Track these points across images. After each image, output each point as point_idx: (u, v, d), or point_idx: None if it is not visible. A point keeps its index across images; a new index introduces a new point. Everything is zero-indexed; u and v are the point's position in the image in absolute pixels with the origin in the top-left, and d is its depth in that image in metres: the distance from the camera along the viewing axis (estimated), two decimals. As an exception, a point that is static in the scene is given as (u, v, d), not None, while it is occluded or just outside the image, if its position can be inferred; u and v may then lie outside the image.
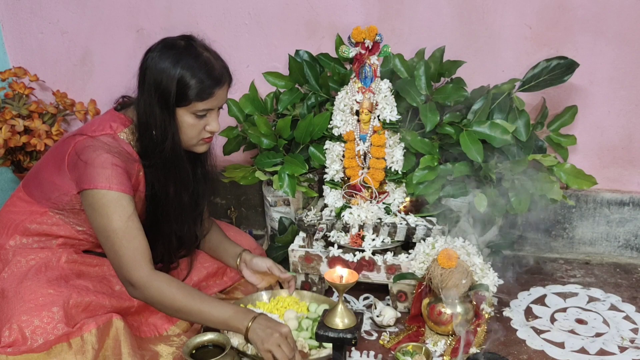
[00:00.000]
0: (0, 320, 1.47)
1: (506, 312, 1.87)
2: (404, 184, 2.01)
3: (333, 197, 2.01)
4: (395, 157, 1.96)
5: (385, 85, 1.92)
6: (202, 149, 1.68)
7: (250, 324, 1.50)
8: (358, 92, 1.91)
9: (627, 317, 1.85)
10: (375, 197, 1.97)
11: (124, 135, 1.62)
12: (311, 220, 1.97)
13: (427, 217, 1.97)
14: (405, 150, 1.98)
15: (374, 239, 1.90)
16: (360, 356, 1.67)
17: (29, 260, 1.60)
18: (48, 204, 1.63)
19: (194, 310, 1.54)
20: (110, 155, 1.54)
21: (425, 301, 1.74)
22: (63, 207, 1.62)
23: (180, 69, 1.53)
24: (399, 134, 1.98)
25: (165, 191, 1.65)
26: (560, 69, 2.00)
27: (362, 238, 1.91)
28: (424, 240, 1.85)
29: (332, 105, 2.02)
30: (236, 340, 1.65)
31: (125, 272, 1.53)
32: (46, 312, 1.45)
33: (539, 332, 1.78)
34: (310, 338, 1.68)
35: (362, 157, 1.97)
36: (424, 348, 1.62)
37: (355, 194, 1.98)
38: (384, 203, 1.99)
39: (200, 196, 1.76)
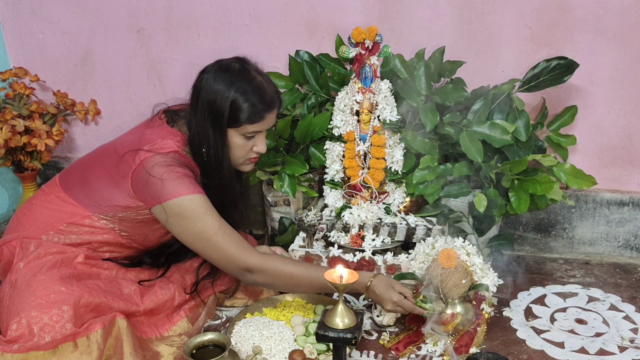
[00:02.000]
0: (9, 311, 1.48)
1: (506, 312, 1.87)
2: (404, 184, 2.01)
3: (333, 197, 2.01)
4: (395, 157, 1.96)
5: (385, 85, 1.92)
6: (248, 168, 1.77)
7: (369, 282, 1.63)
8: (358, 92, 1.92)
9: (627, 317, 1.86)
10: (375, 197, 1.97)
11: (186, 152, 1.68)
12: (311, 220, 1.97)
13: (427, 217, 1.98)
14: (405, 150, 1.98)
15: (374, 239, 1.90)
16: (360, 356, 1.68)
17: (47, 254, 1.62)
18: (95, 210, 1.67)
19: (312, 279, 1.63)
20: (182, 168, 1.60)
21: (425, 301, 1.74)
22: (113, 215, 1.66)
23: (234, 92, 1.61)
24: (399, 134, 1.98)
25: (219, 209, 1.67)
26: (560, 69, 2.00)
27: (362, 238, 1.91)
28: (424, 240, 1.85)
29: (332, 105, 2.02)
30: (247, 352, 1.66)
31: (240, 262, 1.61)
32: (56, 310, 1.46)
33: (538, 332, 1.78)
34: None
35: (362, 157, 1.97)
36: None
37: (356, 194, 1.98)
38: (384, 203, 1.99)
39: (242, 212, 1.84)
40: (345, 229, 1.95)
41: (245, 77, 1.63)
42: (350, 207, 1.96)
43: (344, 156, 2.00)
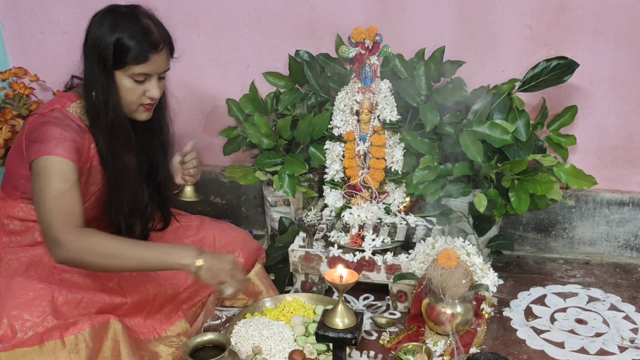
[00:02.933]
0: None
1: (506, 312, 1.87)
2: (404, 184, 2.01)
3: (333, 197, 2.01)
4: (395, 157, 1.96)
5: (385, 85, 1.92)
6: (143, 117, 1.69)
7: (201, 262, 1.51)
8: (358, 92, 1.91)
9: (627, 317, 1.85)
10: (375, 197, 1.97)
11: (73, 109, 1.64)
12: (311, 220, 1.97)
13: (427, 217, 1.98)
14: (405, 150, 1.98)
15: (374, 239, 1.90)
16: (360, 356, 1.68)
17: (20, 257, 1.62)
18: (18, 194, 1.65)
19: (129, 253, 1.52)
20: (59, 128, 1.56)
21: (425, 301, 1.74)
22: (30, 194, 1.61)
23: (118, 32, 1.58)
24: (399, 134, 1.98)
25: (112, 157, 1.65)
26: (560, 69, 2.00)
27: (362, 238, 1.91)
28: (424, 240, 1.85)
29: (332, 105, 2.02)
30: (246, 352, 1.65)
31: (54, 231, 1.49)
32: (36, 306, 1.46)
33: (539, 332, 1.78)
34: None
35: (362, 157, 1.97)
36: (424, 347, 1.62)
37: (355, 194, 1.98)
38: (384, 203, 1.99)
39: (159, 164, 1.77)
40: (345, 229, 1.95)
41: (131, 18, 1.61)
42: (350, 207, 1.96)
43: (344, 156, 2.00)
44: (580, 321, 1.84)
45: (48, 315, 1.46)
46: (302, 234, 2.01)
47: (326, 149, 2.03)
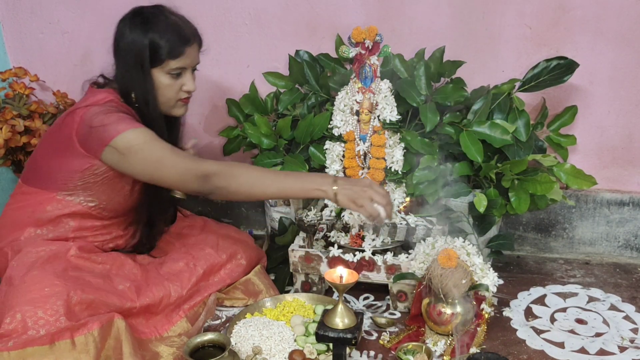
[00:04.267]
0: (4, 306, 1.48)
1: (506, 312, 1.87)
2: (404, 184, 2.01)
3: (333, 197, 2.01)
4: (395, 157, 1.96)
5: (385, 85, 1.92)
6: (180, 112, 1.79)
7: (335, 188, 1.60)
8: (358, 92, 1.91)
9: (627, 317, 1.85)
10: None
11: (122, 102, 1.71)
12: (311, 220, 1.97)
13: (427, 217, 1.98)
14: (405, 150, 1.98)
15: (374, 239, 1.90)
16: (360, 356, 1.68)
17: (39, 251, 1.64)
18: (55, 187, 1.68)
19: (271, 181, 1.62)
20: (121, 113, 1.64)
21: (425, 301, 1.74)
22: (73, 186, 1.68)
23: (151, 33, 1.65)
24: (399, 134, 1.98)
25: None
26: (560, 69, 2.00)
27: (362, 238, 1.91)
28: (424, 240, 1.85)
29: (332, 105, 2.02)
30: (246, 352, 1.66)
31: (195, 170, 1.62)
32: (50, 304, 1.47)
33: (539, 332, 1.78)
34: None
35: (362, 157, 1.97)
36: (424, 347, 1.62)
37: (356, 194, 1.98)
38: (384, 203, 1.99)
39: None
40: (345, 229, 1.95)
41: (159, 17, 1.68)
42: (350, 207, 1.95)
43: (344, 156, 2.00)
44: (580, 321, 1.84)
45: (61, 316, 1.46)
46: (302, 234, 2.01)
47: (326, 149, 2.02)
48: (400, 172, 1.98)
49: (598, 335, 1.77)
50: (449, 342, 1.70)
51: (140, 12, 1.70)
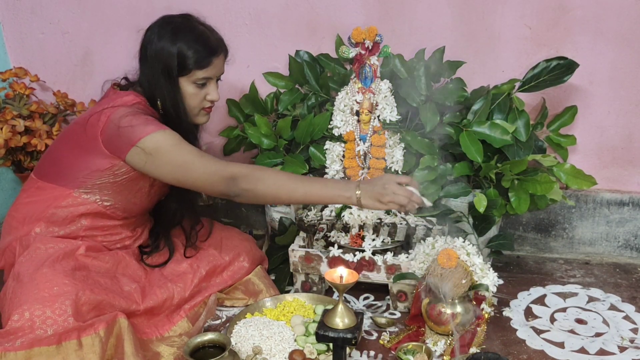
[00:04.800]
0: (12, 303, 1.49)
1: (506, 312, 1.87)
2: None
3: (333, 197, 2.01)
4: (395, 157, 1.96)
5: (385, 85, 1.92)
6: (203, 120, 1.81)
7: (358, 192, 1.60)
8: (358, 92, 1.91)
9: (626, 317, 1.86)
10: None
11: (148, 105, 1.72)
12: (311, 220, 1.97)
13: (427, 217, 1.97)
14: (405, 150, 1.98)
15: (374, 239, 1.90)
16: (360, 356, 1.68)
17: (48, 248, 1.63)
18: (73, 184, 1.68)
19: (297, 186, 1.63)
20: (149, 115, 1.65)
21: (425, 301, 1.74)
22: (92, 185, 1.68)
23: (179, 42, 1.67)
24: (399, 134, 1.98)
25: None
26: (560, 69, 2.00)
27: (362, 238, 1.91)
28: (424, 240, 1.85)
29: (332, 105, 2.02)
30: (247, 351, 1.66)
31: (222, 172, 1.61)
32: (59, 303, 1.47)
33: (538, 332, 1.78)
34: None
35: (362, 157, 1.97)
36: (424, 347, 1.62)
37: (356, 194, 1.98)
38: (384, 203, 1.99)
39: None
40: (345, 229, 1.95)
41: (187, 27, 1.70)
42: (350, 207, 1.96)
43: (344, 156, 2.00)
44: (580, 321, 1.84)
45: (69, 316, 1.46)
46: (302, 234, 2.01)
47: (326, 149, 2.03)
48: (400, 172, 1.98)
49: (598, 335, 1.77)
50: (449, 342, 1.70)
51: (169, 21, 1.70)
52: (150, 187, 1.77)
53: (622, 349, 1.70)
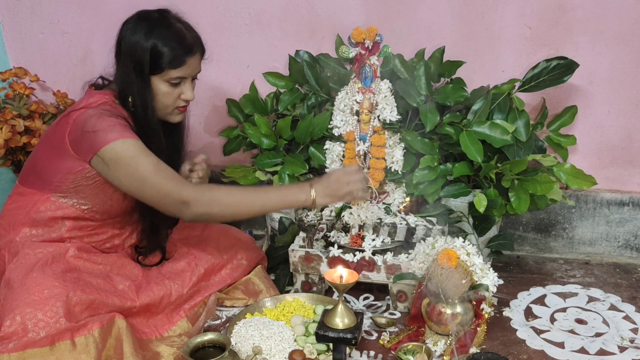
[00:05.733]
0: (3, 309, 1.48)
1: (506, 312, 1.87)
2: (404, 184, 2.01)
3: (333, 197, 2.01)
4: (395, 157, 1.96)
5: (385, 85, 1.92)
6: (177, 119, 1.76)
7: (313, 193, 1.62)
8: (358, 92, 1.91)
9: (627, 317, 1.86)
10: (375, 197, 1.97)
11: (117, 103, 1.68)
12: (311, 220, 1.97)
13: (427, 217, 1.98)
14: (405, 150, 1.98)
15: (374, 239, 1.90)
16: (360, 356, 1.68)
17: (37, 253, 1.63)
18: (50, 188, 1.67)
19: (253, 199, 1.64)
20: (114, 117, 1.61)
21: (425, 301, 1.74)
22: (67, 188, 1.66)
23: (153, 39, 1.62)
24: (399, 134, 1.98)
25: None
26: (560, 69, 2.00)
27: (362, 238, 1.91)
28: (424, 240, 1.85)
29: (332, 105, 2.02)
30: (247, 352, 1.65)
31: (176, 195, 1.59)
32: (50, 306, 1.46)
33: (538, 332, 1.78)
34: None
35: (362, 157, 1.97)
36: (424, 347, 1.62)
37: (356, 194, 1.98)
38: (384, 203, 1.99)
39: (174, 165, 1.78)
40: (345, 229, 1.95)
41: (163, 24, 1.65)
42: (350, 207, 1.96)
43: (344, 156, 2.00)
44: (580, 321, 1.84)
45: (61, 317, 1.46)
46: (302, 234, 2.01)
47: (326, 149, 2.03)
48: (400, 172, 1.98)
49: (598, 335, 1.77)
50: (449, 342, 1.70)
51: (145, 16, 1.66)
52: (115, 189, 1.72)
53: (622, 349, 1.70)
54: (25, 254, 1.62)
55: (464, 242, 1.78)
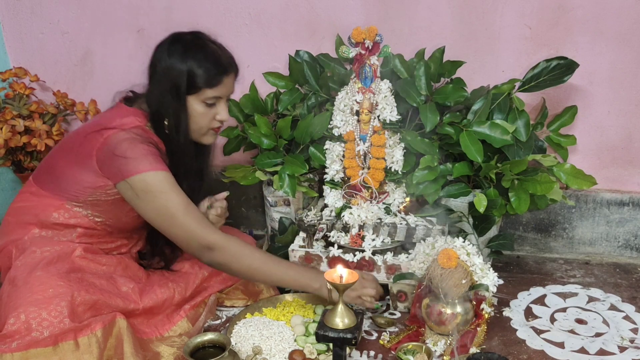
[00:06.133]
0: (7, 307, 1.48)
1: (506, 312, 1.87)
2: (404, 184, 2.01)
3: (333, 197, 2.01)
4: (395, 157, 1.96)
5: (385, 85, 1.92)
6: (211, 140, 1.77)
7: (328, 285, 1.60)
8: (358, 92, 1.91)
9: (626, 317, 1.86)
10: (375, 197, 1.97)
11: (148, 127, 1.69)
12: (311, 220, 1.97)
13: (427, 217, 1.98)
14: (405, 150, 1.98)
15: (374, 239, 1.90)
16: (360, 356, 1.68)
17: (44, 251, 1.63)
18: (66, 196, 1.67)
19: (271, 271, 1.68)
20: (146, 145, 1.61)
21: (425, 301, 1.74)
22: (84, 200, 1.66)
23: (189, 60, 1.63)
24: (399, 134, 1.98)
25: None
26: (560, 69, 2.00)
27: (362, 238, 1.91)
28: (424, 240, 1.85)
29: (332, 105, 2.02)
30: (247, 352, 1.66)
31: (201, 239, 1.61)
32: (54, 305, 1.46)
33: (538, 332, 1.78)
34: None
35: (362, 157, 1.97)
36: (424, 347, 1.62)
37: (355, 194, 1.98)
38: (384, 203, 1.99)
39: (195, 191, 1.78)
40: (345, 229, 1.95)
41: (198, 45, 1.66)
42: (350, 207, 1.96)
43: (344, 156, 2.00)
44: (580, 321, 1.84)
45: (65, 317, 1.46)
46: (302, 234, 2.01)
47: (326, 149, 2.03)
48: (400, 172, 1.98)
49: (598, 335, 1.77)
50: (449, 342, 1.70)
51: (179, 39, 1.67)
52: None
53: (622, 349, 1.70)
54: (32, 251, 1.62)
55: (464, 242, 1.78)
